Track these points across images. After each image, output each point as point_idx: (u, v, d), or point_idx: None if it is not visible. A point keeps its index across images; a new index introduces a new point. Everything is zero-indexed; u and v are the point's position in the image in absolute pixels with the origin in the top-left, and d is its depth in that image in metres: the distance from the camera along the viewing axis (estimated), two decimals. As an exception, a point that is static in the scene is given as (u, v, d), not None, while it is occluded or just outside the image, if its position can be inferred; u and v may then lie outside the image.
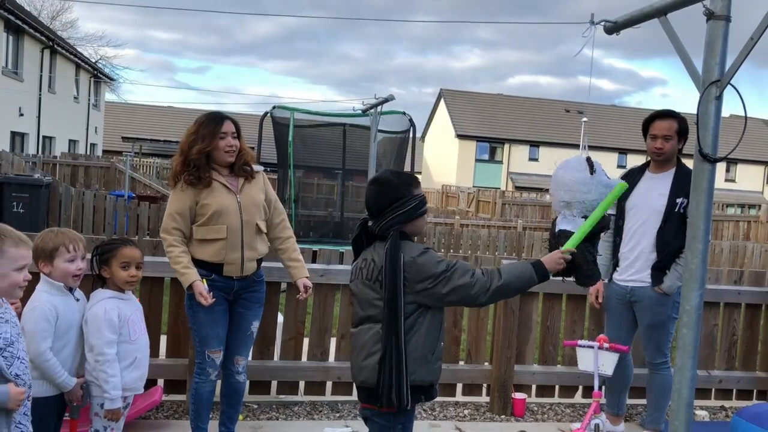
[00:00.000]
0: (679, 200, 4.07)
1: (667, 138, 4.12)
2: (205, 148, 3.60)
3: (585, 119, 37.51)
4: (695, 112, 2.48)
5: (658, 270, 4.13)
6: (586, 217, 3.20)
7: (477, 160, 43.18)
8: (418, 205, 2.75)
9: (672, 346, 5.08)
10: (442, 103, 46.37)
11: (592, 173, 3.72)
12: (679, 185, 4.08)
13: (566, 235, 3.13)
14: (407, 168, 12.02)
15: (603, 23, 3.27)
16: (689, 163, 3.81)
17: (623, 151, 43.21)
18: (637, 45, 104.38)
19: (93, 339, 3.00)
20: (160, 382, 4.42)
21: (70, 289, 3.00)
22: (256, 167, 3.78)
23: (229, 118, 3.75)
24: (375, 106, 10.42)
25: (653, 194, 4.16)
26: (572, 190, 3.40)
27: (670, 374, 4.21)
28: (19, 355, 2.46)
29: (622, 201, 4.22)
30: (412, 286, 2.65)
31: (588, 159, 3.66)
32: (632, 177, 4.28)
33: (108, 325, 3.00)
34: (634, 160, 42.92)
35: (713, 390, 5.27)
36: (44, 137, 25.69)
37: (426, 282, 2.64)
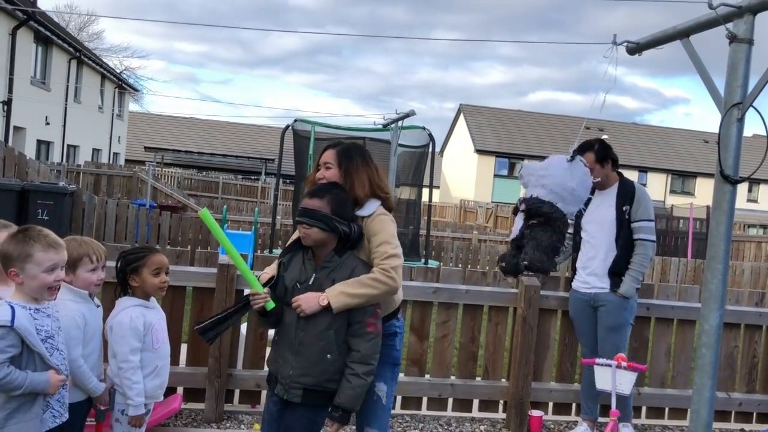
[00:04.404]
0: (625, 208, 4.50)
1: (590, 170, 4.49)
2: None
3: (605, 137, 37.41)
4: (717, 131, 2.50)
5: (616, 275, 4.49)
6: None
7: (496, 176, 43.09)
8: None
9: (690, 367, 5.07)
10: (461, 118, 46.40)
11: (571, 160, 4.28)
12: (623, 195, 4.53)
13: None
14: (425, 182, 12.05)
15: (625, 44, 3.30)
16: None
17: (643, 169, 42.94)
18: (660, 63, 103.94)
19: (117, 346, 3.05)
20: (180, 389, 4.47)
21: (90, 296, 3.05)
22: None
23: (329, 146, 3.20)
24: (396, 120, 10.50)
25: (603, 207, 4.58)
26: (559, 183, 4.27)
27: None
28: (59, 347, 2.67)
29: (578, 218, 4.70)
30: None
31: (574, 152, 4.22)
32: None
33: (133, 332, 3.05)
34: (655, 179, 42.66)
35: (733, 413, 5.22)
36: (69, 146, 26.06)
37: None
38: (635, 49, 3.31)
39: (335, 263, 2.85)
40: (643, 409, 5.16)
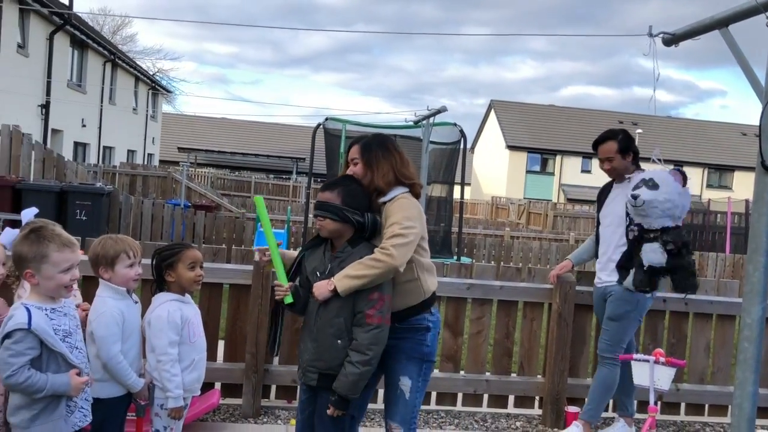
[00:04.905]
0: (633, 205, 4.32)
1: (609, 159, 4.49)
2: None
3: (639, 131, 36.88)
4: (757, 123, 2.45)
5: (623, 269, 4.40)
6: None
7: (528, 172, 42.80)
8: None
9: (732, 363, 4.98)
10: (492, 114, 46.17)
11: (685, 184, 4.17)
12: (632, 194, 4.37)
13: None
14: (457, 179, 12.02)
15: (661, 35, 3.26)
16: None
17: (679, 164, 42.11)
18: (695, 55, 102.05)
19: (156, 340, 3.09)
20: (218, 385, 4.53)
21: (128, 292, 3.09)
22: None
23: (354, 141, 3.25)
24: (427, 117, 10.48)
25: (617, 201, 4.51)
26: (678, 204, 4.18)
27: (616, 373, 4.44)
28: (78, 345, 2.67)
29: (598, 211, 4.70)
30: None
31: (679, 170, 4.13)
32: (606, 190, 4.70)
33: (171, 326, 3.09)
34: (691, 173, 41.68)
35: (775, 409, 5.12)
36: (104, 147, 26.54)
37: None
38: (671, 40, 3.26)
39: (347, 253, 2.96)
40: (682, 405, 5.09)
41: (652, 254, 4.20)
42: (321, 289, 2.92)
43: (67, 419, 2.62)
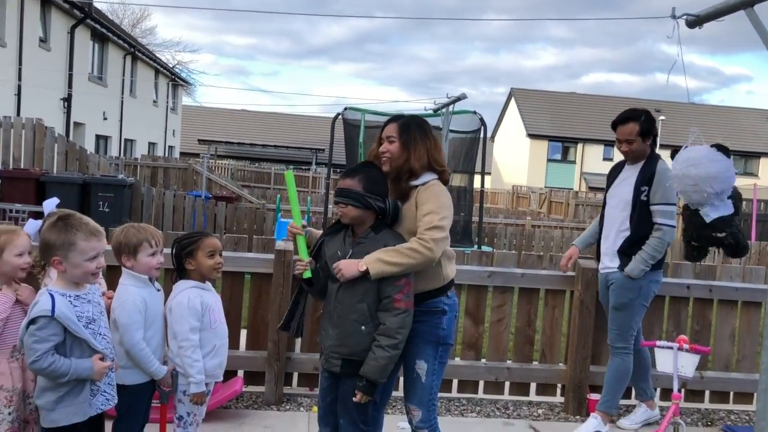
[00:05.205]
0: (643, 188, 4.26)
1: (629, 141, 4.33)
2: None
3: (662, 118, 36.44)
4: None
5: (625, 255, 4.30)
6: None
7: (549, 160, 42.50)
8: None
9: (757, 350, 4.92)
10: (512, 102, 45.87)
11: (729, 157, 3.99)
12: (643, 174, 4.29)
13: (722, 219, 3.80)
14: (477, 168, 11.96)
15: (685, 17, 3.21)
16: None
17: (702, 151, 41.65)
18: (720, 40, 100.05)
19: (177, 326, 3.12)
20: (240, 373, 4.57)
21: (150, 280, 3.12)
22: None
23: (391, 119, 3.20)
24: (447, 105, 10.43)
25: (624, 184, 4.39)
26: (720, 178, 3.88)
27: (629, 362, 4.38)
28: (101, 331, 2.71)
29: (606, 192, 4.55)
30: None
31: (719, 146, 3.93)
32: (616, 170, 4.55)
33: (191, 312, 3.11)
34: (714, 160, 41.35)
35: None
36: (126, 140, 26.79)
37: None
38: (695, 21, 3.21)
39: (370, 239, 2.96)
40: (707, 393, 5.04)
41: (720, 207, 4.02)
42: (350, 267, 2.88)
43: (91, 402, 2.67)
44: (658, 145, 4.47)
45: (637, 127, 4.29)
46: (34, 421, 2.81)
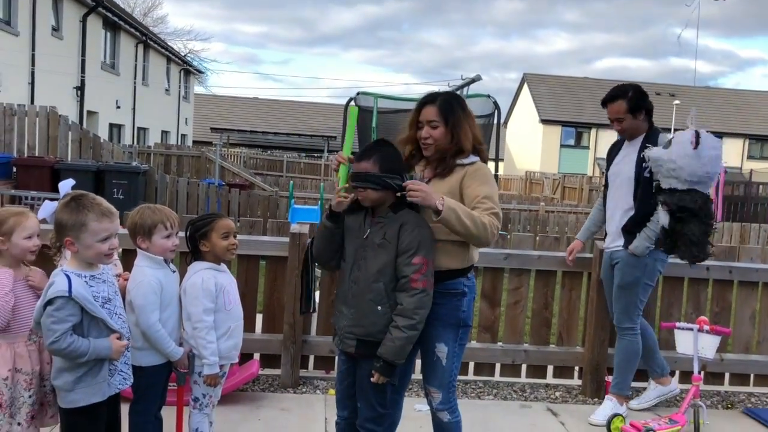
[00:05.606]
0: (645, 165, 4.09)
1: (619, 120, 4.24)
2: None
3: (677, 102, 36.07)
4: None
5: (629, 232, 4.18)
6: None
7: (562, 146, 42.17)
8: None
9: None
10: (525, 87, 45.51)
11: (696, 148, 3.77)
12: (644, 150, 4.12)
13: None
14: (491, 153, 11.86)
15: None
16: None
17: (718, 135, 40.96)
18: (735, 23, 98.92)
19: (191, 307, 3.10)
20: (257, 356, 4.57)
21: (165, 262, 3.10)
22: None
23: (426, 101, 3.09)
24: (461, 87, 10.34)
25: (625, 162, 4.26)
26: (687, 171, 3.87)
27: (637, 342, 4.29)
28: (117, 311, 2.71)
29: (607, 171, 4.42)
30: None
31: (698, 134, 3.77)
32: (615, 148, 4.44)
33: (206, 293, 3.10)
34: (731, 144, 40.91)
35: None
36: (139, 128, 26.85)
37: None
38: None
39: (389, 218, 2.90)
40: (726, 375, 4.98)
41: (660, 214, 4.00)
42: (430, 195, 2.75)
43: (110, 382, 2.67)
44: (671, 127, 4.34)
45: (625, 104, 4.18)
46: (48, 404, 2.81)
